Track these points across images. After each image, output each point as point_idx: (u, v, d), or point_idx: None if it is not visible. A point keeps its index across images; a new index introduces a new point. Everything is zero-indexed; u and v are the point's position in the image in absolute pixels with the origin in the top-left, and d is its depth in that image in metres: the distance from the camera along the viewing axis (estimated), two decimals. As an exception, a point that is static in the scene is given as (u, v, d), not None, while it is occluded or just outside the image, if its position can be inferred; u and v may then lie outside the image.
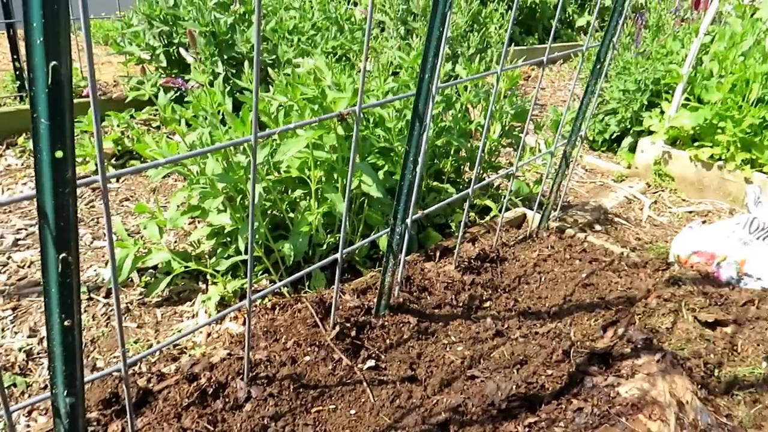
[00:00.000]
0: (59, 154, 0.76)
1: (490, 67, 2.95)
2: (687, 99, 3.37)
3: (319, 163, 1.94)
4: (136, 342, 1.75)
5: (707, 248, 2.14)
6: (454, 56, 4.46)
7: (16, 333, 1.72)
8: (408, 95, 1.44)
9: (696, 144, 3.24)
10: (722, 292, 1.87)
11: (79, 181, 0.82)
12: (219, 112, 1.95)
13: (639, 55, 3.85)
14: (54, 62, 0.71)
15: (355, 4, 4.59)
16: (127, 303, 1.91)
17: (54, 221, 0.81)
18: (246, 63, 2.01)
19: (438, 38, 1.31)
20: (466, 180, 2.81)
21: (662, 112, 3.47)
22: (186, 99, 2.01)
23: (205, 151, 1.08)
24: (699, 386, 1.43)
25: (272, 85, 2.00)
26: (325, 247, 2.03)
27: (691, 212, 3.07)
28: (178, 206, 1.98)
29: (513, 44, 6.30)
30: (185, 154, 1.10)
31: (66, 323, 0.88)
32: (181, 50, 2.25)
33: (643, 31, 4.12)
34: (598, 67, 2.08)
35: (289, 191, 2.11)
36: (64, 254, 0.84)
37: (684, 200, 3.23)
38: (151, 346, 1.74)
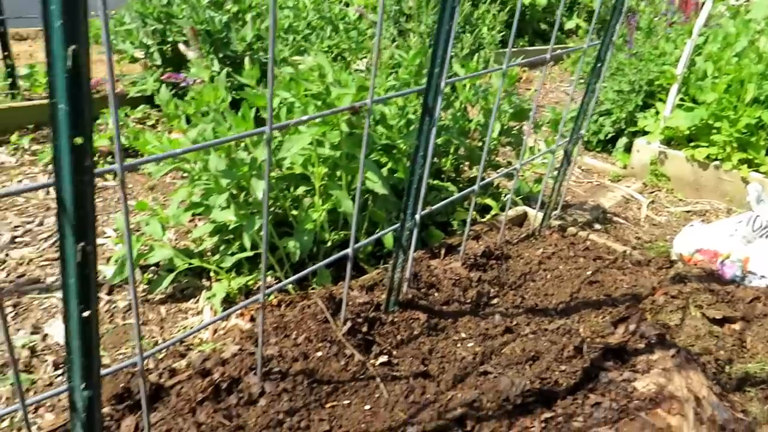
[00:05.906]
0: (78, 140, 0.73)
1: (487, 66, 2.95)
2: (682, 99, 3.40)
3: (322, 160, 1.92)
4: (141, 339, 1.71)
5: (710, 246, 2.15)
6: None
7: (18, 330, 1.68)
8: (414, 90, 1.43)
9: (692, 144, 3.26)
10: (728, 290, 1.87)
11: (97, 170, 0.79)
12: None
13: (632, 56, 3.87)
14: (73, 46, 0.68)
15: (347, 5, 4.57)
16: (130, 300, 1.88)
17: (73, 211, 0.79)
18: (246, 59, 1.99)
19: (447, 32, 1.30)
20: (465, 179, 2.80)
21: (657, 113, 3.48)
22: (185, 95, 1.97)
23: (211, 144, 1.06)
24: (713, 382, 1.42)
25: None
26: (329, 244, 2.01)
27: (688, 212, 3.09)
28: (179, 203, 1.95)
29: (503, 46, 6.31)
30: (189, 147, 1.07)
31: (84, 315, 0.85)
32: (181, 46, 2.22)
33: (635, 33, 4.15)
34: (599, 65, 2.08)
35: (292, 188, 2.08)
36: (83, 244, 0.82)
37: (681, 200, 3.25)
38: (156, 342, 1.71)
